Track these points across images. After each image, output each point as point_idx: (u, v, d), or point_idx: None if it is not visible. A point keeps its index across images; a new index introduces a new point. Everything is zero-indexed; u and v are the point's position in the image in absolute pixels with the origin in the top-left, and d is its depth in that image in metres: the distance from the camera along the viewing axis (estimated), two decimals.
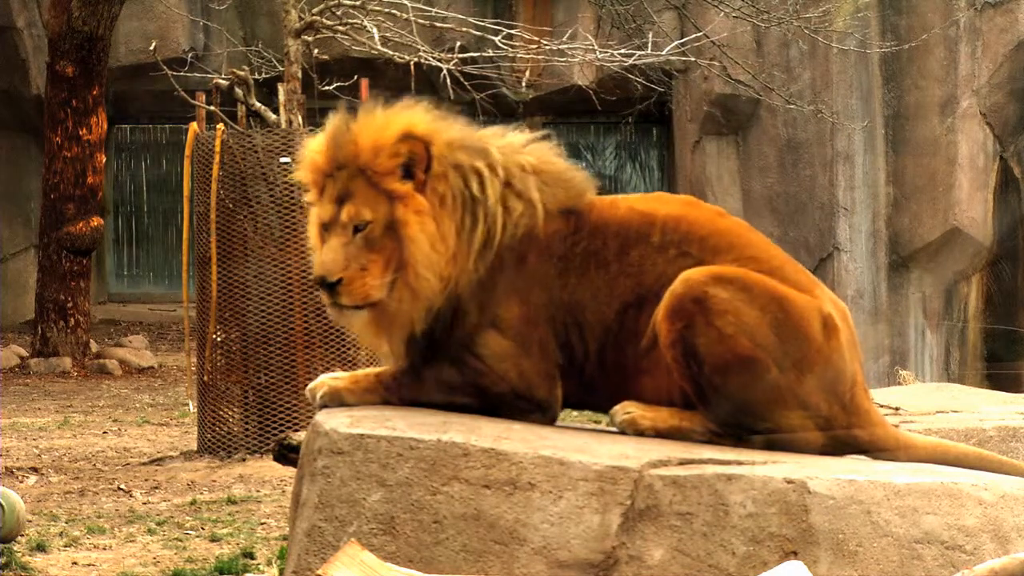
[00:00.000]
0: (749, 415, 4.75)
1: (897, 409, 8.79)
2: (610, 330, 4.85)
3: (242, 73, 12.56)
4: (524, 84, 19.75)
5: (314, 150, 4.92)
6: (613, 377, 4.87)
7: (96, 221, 18.41)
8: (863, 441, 4.89)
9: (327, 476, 4.60)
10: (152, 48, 16.15)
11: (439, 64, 14.10)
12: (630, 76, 17.31)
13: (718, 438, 4.77)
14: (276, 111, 12.42)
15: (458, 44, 15.99)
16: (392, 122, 4.84)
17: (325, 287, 4.78)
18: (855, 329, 4.98)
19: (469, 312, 4.83)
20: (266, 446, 11.33)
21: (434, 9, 16.19)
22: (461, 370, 4.83)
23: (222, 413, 11.87)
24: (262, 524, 9.20)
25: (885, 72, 21.30)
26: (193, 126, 12.17)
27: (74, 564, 8.10)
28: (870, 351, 20.40)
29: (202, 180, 11.97)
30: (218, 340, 11.85)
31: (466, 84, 14.49)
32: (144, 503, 10.04)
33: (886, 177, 21.35)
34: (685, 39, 17.91)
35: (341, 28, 13.24)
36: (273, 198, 11.73)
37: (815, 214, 21.30)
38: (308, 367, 11.54)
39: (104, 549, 8.49)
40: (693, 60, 17.43)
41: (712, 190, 21.17)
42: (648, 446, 4.67)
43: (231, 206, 11.77)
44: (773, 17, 18.46)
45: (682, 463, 4.56)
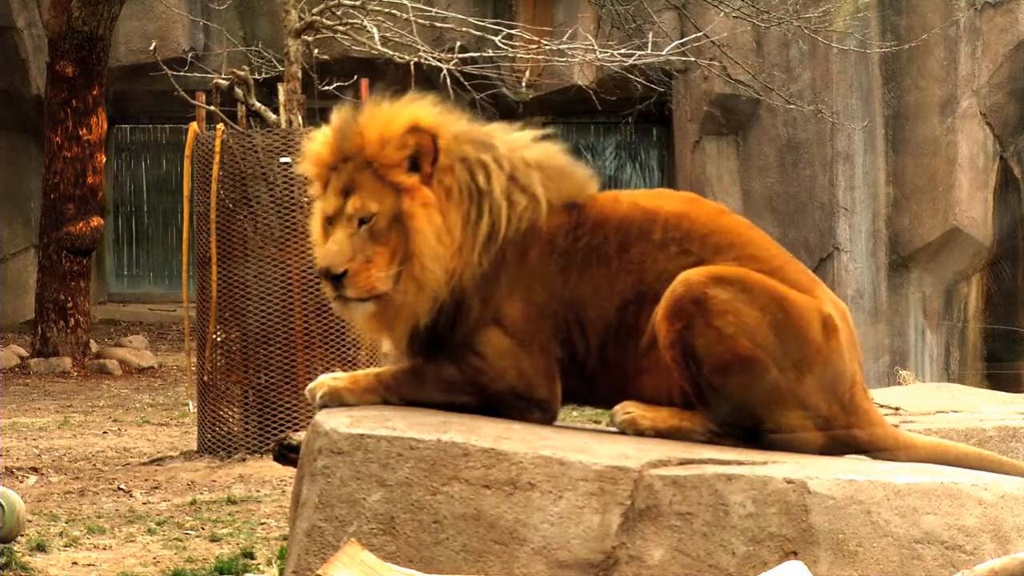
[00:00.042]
0: (749, 415, 4.75)
1: (897, 409, 8.78)
2: (611, 327, 4.84)
3: (242, 73, 12.56)
4: (524, 84, 19.75)
5: (318, 143, 4.91)
6: (614, 373, 4.87)
7: (96, 221, 18.41)
8: (862, 441, 4.89)
9: (327, 476, 4.60)
10: (152, 48, 16.14)
11: (439, 64, 14.10)
12: (630, 76, 17.30)
13: (718, 438, 4.77)
14: (276, 111, 12.42)
15: (458, 44, 15.99)
16: (399, 115, 4.84)
17: (330, 279, 4.76)
18: (855, 329, 4.97)
19: (472, 307, 4.82)
20: (266, 446, 11.33)
21: (434, 9, 16.19)
22: (461, 368, 4.82)
23: (222, 413, 11.87)
24: (262, 524, 9.20)
25: (885, 72, 21.30)
26: (193, 126, 12.17)
27: (74, 564, 8.10)
28: (870, 351, 20.40)
29: (202, 180, 11.97)
30: (218, 340, 11.85)
31: (466, 84, 14.48)
32: (144, 503, 10.04)
33: (886, 177, 21.35)
34: (685, 39, 17.91)
35: (341, 28, 13.24)
36: (273, 198, 11.73)
37: (815, 214, 21.30)
38: (308, 367, 11.54)
39: (104, 549, 8.49)
40: (693, 60, 17.43)
41: (712, 190, 21.16)
42: (648, 446, 4.67)
43: (231, 206, 11.77)
44: (773, 17, 18.46)
45: (682, 463, 4.56)
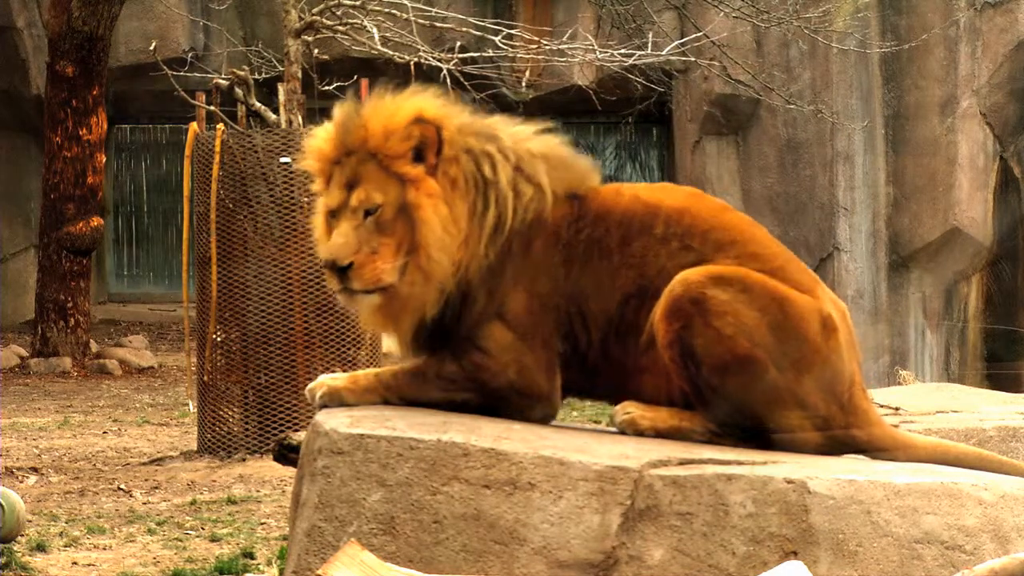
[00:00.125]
0: (748, 415, 4.75)
1: (897, 409, 8.79)
2: (612, 320, 4.83)
3: (242, 73, 12.56)
4: (524, 84, 19.76)
5: (321, 138, 4.90)
6: (616, 367, 4.86)
7: (96, 221, 18.41)
8: (861, 441, 4.89)
9: (327, 476, 4.60)
10: (152, 48, 16.15)
11: (439, 64, 14.09)
12: (630, 76, 17.31)
13: (718, 438, 4.77)
14: (276, 111, 12.42)
15: (458, 44, 15.98)
16: (402, 107, 4.84)
17: (335, 271, 4.74)
18: (854, 329, 4.97)
19: (478, 299, 4.81)
20: (266, 446, 11.33)
21: (434, 9, 16.19)
22: (462, 363, 4.81)
23: (222, 413, 11.87)
24: (262, 524, 9.20)
25: (885, 72, 21.30)
26: (193, 126, 12.17)
27: (74, 564, 8.10)
28: (870, 351, 20.41)
29: (202, 180, 11.97)
30: (218, 340, 11.85)
31: (466, 84, 14.48)
32: (144, 503, 10.04)
33: (886, 177, 21.35)
34: (685, 39, 17.91)
35: (341, 28, 13.24)
36: (273, 198, 11.73)
37: (815, 214, 21.31)
38: (308, 367, 11.54)
39: (104, 549, 8.49)
40: (693, 60, 17.43)
41: (712, 190, 21.15)
42: (648, 446, 4.67)
43: (231, 206, 11.77)
44: (773, 17, 18.46)
45: (682, 463, 4.55)
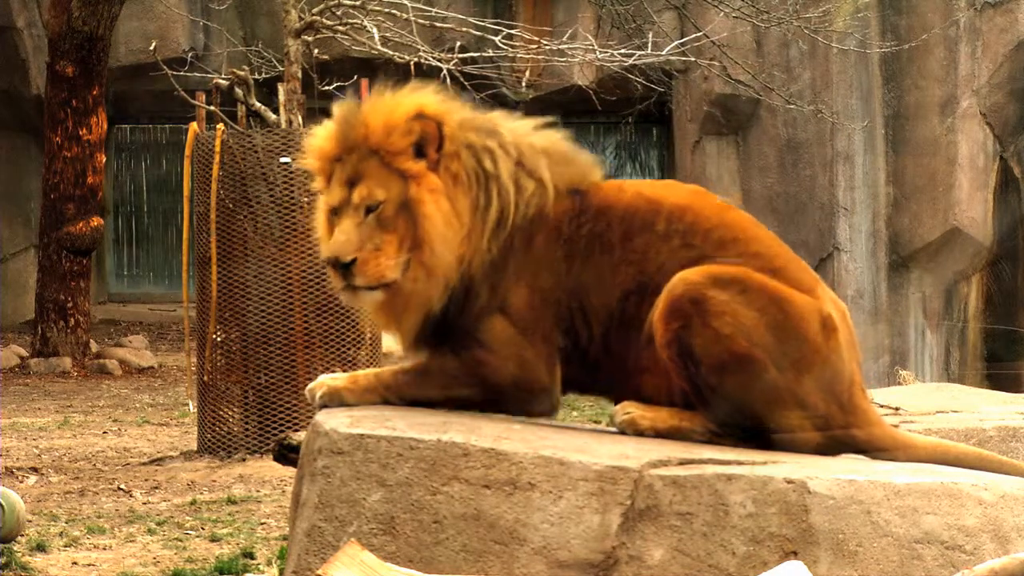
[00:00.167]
0: (748, 415, 4.74)
1: (897, 409, 8.79)
2: (613, 316, 4.83)
3: (242, 73, 12.56)
4: (524, 84, 19.75)
5: (321, 136, 4.90)
6: (617, 363, 4.86)
7: (96, 221, 18.41)
8: (860, 440, 4.88)
9: (327, 476, 4.59)
10: (152, 48, 16.15)
11: (439, 64, 14.09)
12: (630, 76, 17.31)
13: (718, 438, 4.76)
14: (276, 111, 12.42)
15: (458, 44, 15.98)
16: (402, 103, 4.84)
17: (338, 268, 4.74)
18: (854, 329, 4.97)
19: (480, 294, 4.80)
20: (266, 446, 11.33)
21: (434, 9, 16.19)
22: (463, 359, 4.81)
23: (222, 413, 11.87)
24: (262, 524, 9.20)
25: (885, 72, 21.30)
26: (193, 126, 12.17)
27: (74, 564, 8.10)
28: (870, 351, 20.41)
29: (202, 180, 11.97)
30: (218, 340, 11.85)
31: (466, 84, 14.48)
32: (144, 503, 10.04)
33: (886, 177, 21.36)
34: (685, 39, 17.91)
35: (341, 28, 13.24)
36: (273, 198, 11.73)
37: (815, 214, 21.31)
38: (308, 367, 11.54)
39: (104, 549, 8.49)
40: (693, 60, 17.43)
41: (712, 190, 20.91)
42: (648, 446, 4.66)
43: (231, 206, 11.77)
44: (773, 17, 18.46)
45: (682, 463, 4.55)
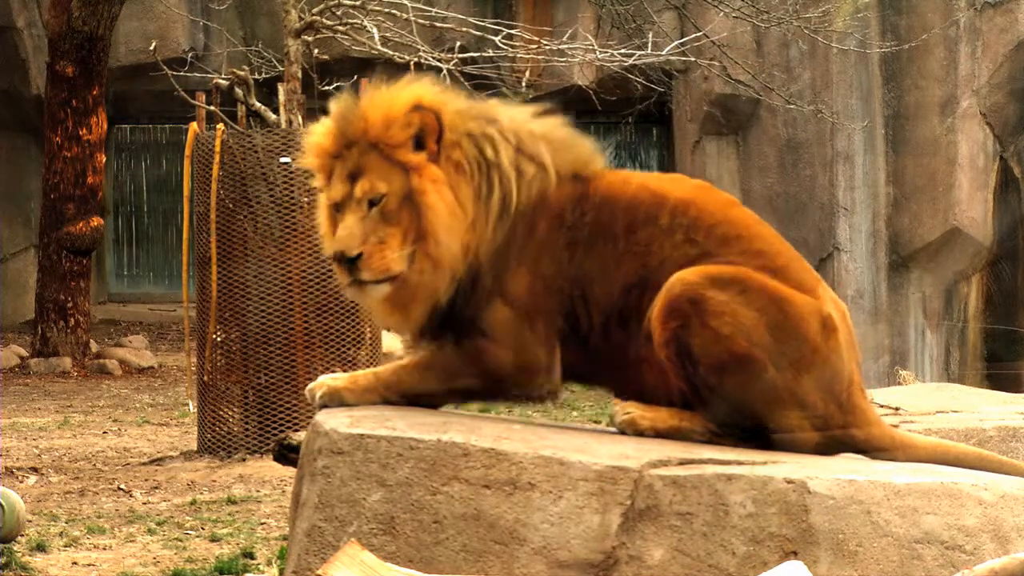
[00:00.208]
0: (747, 415, 4.74)
1: (897, 409, 8.79)
2: (615, 306, 4.83)
3: (242, 73, 12.56)
4: (524, 84, 19.72)
5: (320, 134, 4.89)
6: (618, 352, 4.86)
7: (96, 221, 18.41)
8: (859, 440, 4.88)
9: (327, 476, 4.59)
10: (152, 48, 16.14)
11: (439, 64, 14.09)
12: (630, 76, 17.30)
13: (717, 438, 4.76)
14: (276, 111, 12.42)
15: (458, 44, 15.98)
16: (400, 95, 4.84)
17: (343, 263, 4.73)
18: (854, 329, 4.97)
19: (485, 282, 4.80)
20: (266, 446, 11.33)
21: (434, 9, 16.20)
22: (464, 348, 4.80)
23: (222, 413, 11.88)
24: (262, 524, 9.20)
25: (885, 72, 21.30)
26: (193, 126, 12.17)
27: (74, 564, 8.10)
28: (870, 351, 20.40)
29: (202, 180, 11.97)
30: (218, 340, 11.85)
31: (466, 84, 14.48)
32: (144, 503, 10.04)
33: (886, 177, 21.35)
34: (685, 39, 17.90)
35: (341, 28, 13.24)
36: (273, 198, 11.73)
37: (815, 214, 21.30)
38: (308, 367, 11.55)
39: (104, 549, 8.49)
40: (693, 60, 17.43)
41: None
42: (648, 446, 4.66)
43: (231, 206, 11.77)
44: (773, 17, 18.46)
45: (682, 463, 4.55)
